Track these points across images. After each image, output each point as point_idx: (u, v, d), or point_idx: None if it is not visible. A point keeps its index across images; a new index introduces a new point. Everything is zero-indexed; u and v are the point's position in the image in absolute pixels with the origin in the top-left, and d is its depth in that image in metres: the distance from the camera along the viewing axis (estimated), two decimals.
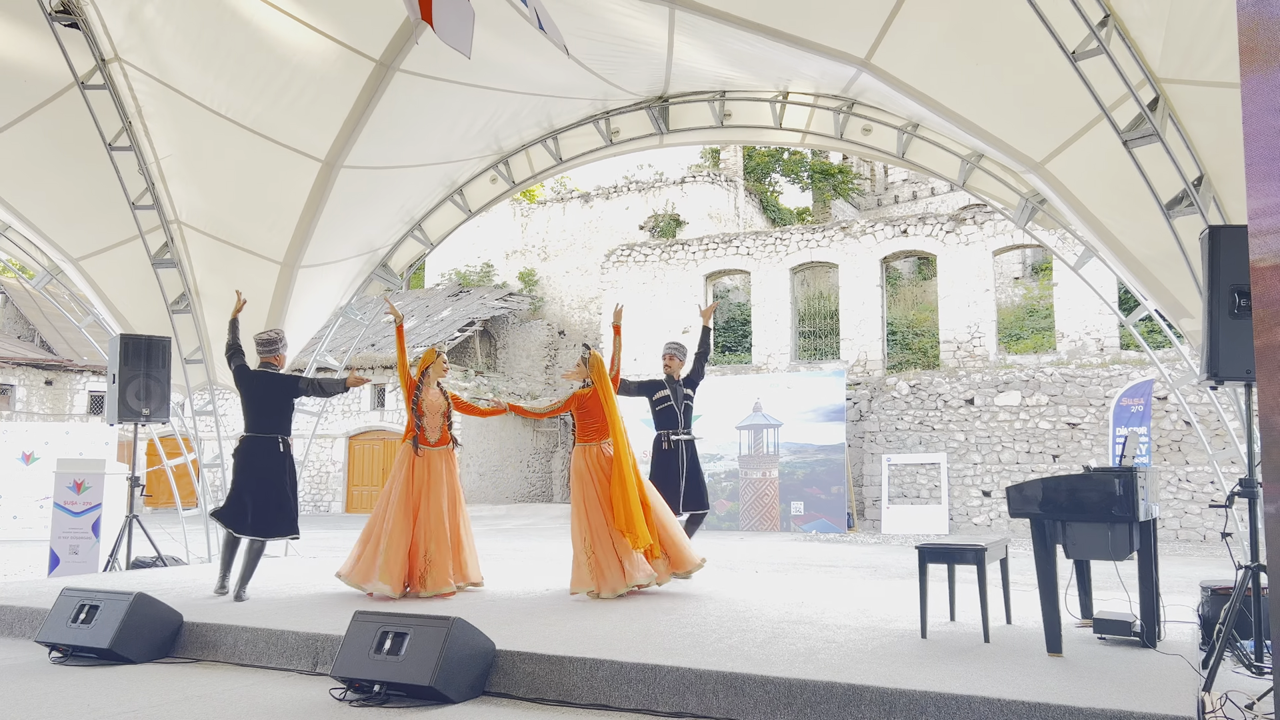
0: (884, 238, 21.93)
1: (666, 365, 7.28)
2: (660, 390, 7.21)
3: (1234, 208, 5.19)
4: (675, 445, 7.09)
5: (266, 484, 6.42)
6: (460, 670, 4.11)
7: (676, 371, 7.26)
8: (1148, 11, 4.66)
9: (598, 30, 6.47)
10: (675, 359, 7.27)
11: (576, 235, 30.92)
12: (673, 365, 7.25)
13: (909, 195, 35.44)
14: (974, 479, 18.01)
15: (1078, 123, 5.52)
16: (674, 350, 7.31)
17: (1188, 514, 16.10)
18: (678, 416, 7.13)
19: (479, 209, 9.00)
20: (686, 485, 7.01)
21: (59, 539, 9.24)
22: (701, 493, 7.14)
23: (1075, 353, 19.55)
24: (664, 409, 7.15)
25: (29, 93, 7.26)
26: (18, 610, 5.75)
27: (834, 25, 5.81)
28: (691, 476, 7.06)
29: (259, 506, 6.36)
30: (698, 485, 7.11)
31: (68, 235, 8.58)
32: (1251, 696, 3.43)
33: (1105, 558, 4.30)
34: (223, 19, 6.29)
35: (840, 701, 3.64)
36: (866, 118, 7.29)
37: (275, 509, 6.41)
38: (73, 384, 26.62)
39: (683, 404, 7.15)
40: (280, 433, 6.52)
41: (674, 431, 7.10)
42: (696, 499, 7.09)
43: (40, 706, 3.99)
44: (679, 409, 7.13)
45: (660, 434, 7.13)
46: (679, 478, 7.00)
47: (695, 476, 7.10)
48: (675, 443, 7.09)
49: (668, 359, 7.29)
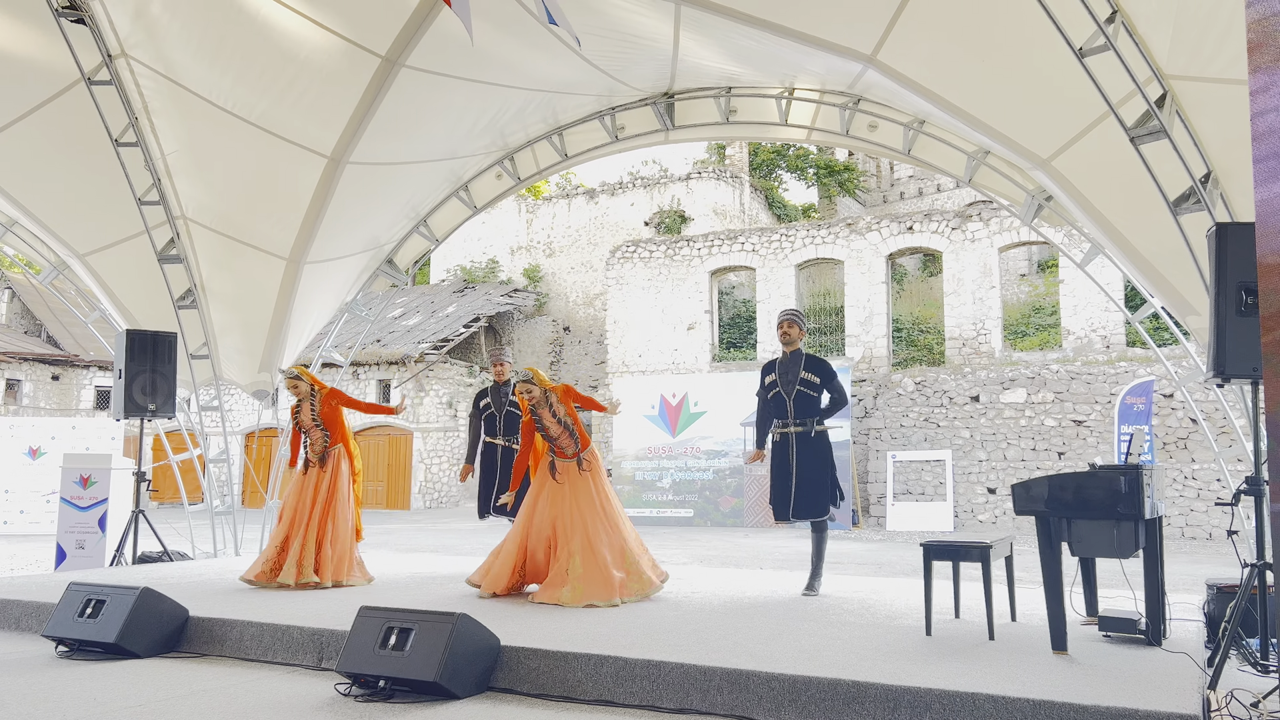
0: (889, 234, 21.89)
1: (784, 334, 6.18)
2: (769, 374, 6.26)
3: (1241, 205, 5.17)
4: (784, 439, 6.16)
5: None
6: (465, 666, 4.12)
7: (796, 343, 6.18)
8: (1155, 8, 4.64)
9: (603, 27, 6.46)
10: (795, 326, 6.19)
11: (581, 231, 30.93)
12: (792, 334, 6.17)
13: (915, 192, 35.37)
14: (979, 476, 17.99)
15: (1084, 119, 5.50)
16: (792, 317, 6.21)
17: (1193, 512, 16.06)
18: (786, 403, 6.12)
19: (484, 205, 9.00)
20: (798, 488, 6.05)
21: (65, 534, 9.28)
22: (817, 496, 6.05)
23: (1081, 350, 19.51)
24: (774, 394, 6.20)
25: (35, 89, 7.28)
26: (25, 605, 5.78)
27: (840, 22, 5.79)
28: (808, 477, 6.05)
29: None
30: (812, 487, 6.04)
31: (74, 231, 8.61)
32: (1257, 694, 3.43)
33: (1110, 555, 4.29)
34: (229, 15, 6.29)
35: (844, 698, 3.64)
36: (872, 114, 7.27)
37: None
38: (79, 379, 26.70)
39: (795, 388, 6.08)
40: None
41: (784, 422, 6.12)
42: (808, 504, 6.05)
43: (47, 700, 4.00)
44: (788, 394, 6.10)
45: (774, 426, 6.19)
46: (789, 479, 6.08)
47: (811, 476, 6.05)
48: (785, 436, 6.15)
49: (785, 326, 6.19)
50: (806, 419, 6.06)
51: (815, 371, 6.11)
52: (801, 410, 6.07)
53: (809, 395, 6.07)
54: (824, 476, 6.05)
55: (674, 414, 20.01)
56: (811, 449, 6.05)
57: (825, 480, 6.05)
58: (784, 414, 6.11)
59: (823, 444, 6.11)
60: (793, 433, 6.09)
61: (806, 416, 6.06)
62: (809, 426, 6.05)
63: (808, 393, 6.07)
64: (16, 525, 16.37)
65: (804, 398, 6.08)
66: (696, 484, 19.48)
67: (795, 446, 6.07)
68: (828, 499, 6.05)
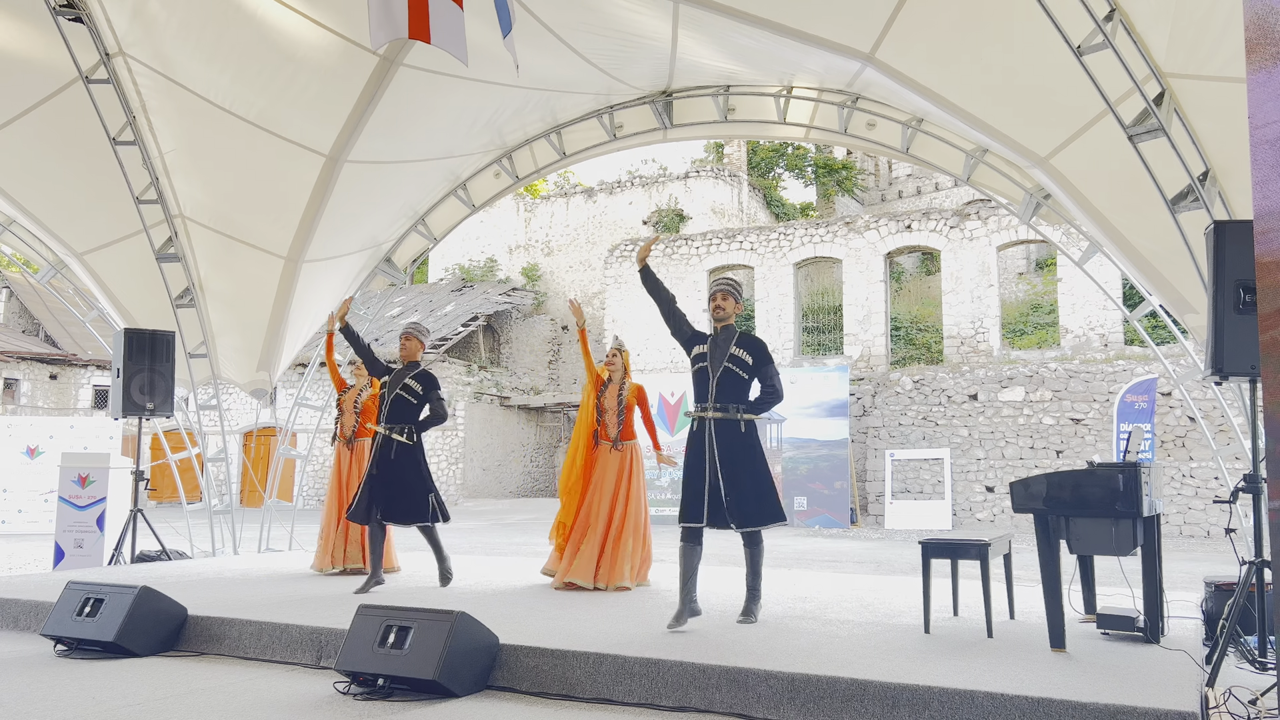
0: (888, 233, 21.90)
1: (717, 309, 5.24)
2: (698, 344, 5.26)
3: (1239, 203, 5.17)
4: (702, 426, 5.09)
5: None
6: (464, 664, 4.12)
7: (730, 318, 5.25)
8: (1154, 6, 4.64)
9: (602, 25, 6.46)
10: (731, 299, 5.25)
11: (580, 230, 30.93)
12: (726, 308, 5.23)
13: (913, 190, 35.39)
14: (977, 474, 18.00)
15: (1083, 118, 5.50)
16: (727, 288, 5.28)
17: (1191, 509, 16.08)
18: (709, 382, 5.10)
19: (482, 204, 8.99)
20: (725, 487, 4.96)
21: (64, 533, 9.27)
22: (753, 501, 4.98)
23: (1079, 348, 19.52)
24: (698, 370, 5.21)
25: (33, 87, 7.27)
26: (23, 604, 5.77)
27: (838, 20, 5.79)
28: (735, 475, 4.97)
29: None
30: (743, 489, 4.97)
31: (72, 230, 8.60)
32: (1255, 692, 3.43)
33: (1109, 553, 4.29)
34: (226, 13, 6.29)
35: (843, 696, 3.64)
36: (871, 113, 7.27)
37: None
38: (77, 378, 26.67)
39: (720, 366, 5.08)
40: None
41: (703, 406, 5.12)
42: (740, 509, 4.95)
43: (45, 699, 4.00)
44: (713, 371, 5.10)
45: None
46: (702, 475, 5.00)
47: (738, 474, 4.98)
48: (703, 423, 5.10)
49: (719, 299, 5.25)
50: (730, 405, 5.03)
51: (749, 350, 5.13)
52: (726, 393, 5.04)
53: (737, 376, 5.06)
54: (758, 478, 5.01)
55: (673, 413, 19.99)
56: (736, 441, 5.00)
57: (761, 483, 5.01)
58: (704, 396, 5.08)
59: (751, 438, 5.07)
60: (712, 419, 5.02)
61: (731, 401, 5.03)
62: (732, 414, 5.01)
63: (737, 373, 5.06)
64: (15, 524, 16.36)
65: (731, 378, 5.06)
66: None
67: (714, 436, 5.00)
68: (768, 508, 5.01)
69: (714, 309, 5.23)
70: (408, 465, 6.45)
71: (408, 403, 6.53)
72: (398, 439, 6.44)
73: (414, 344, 6.69)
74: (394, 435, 6.44)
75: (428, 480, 6.56)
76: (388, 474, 6.42)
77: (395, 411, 6.50)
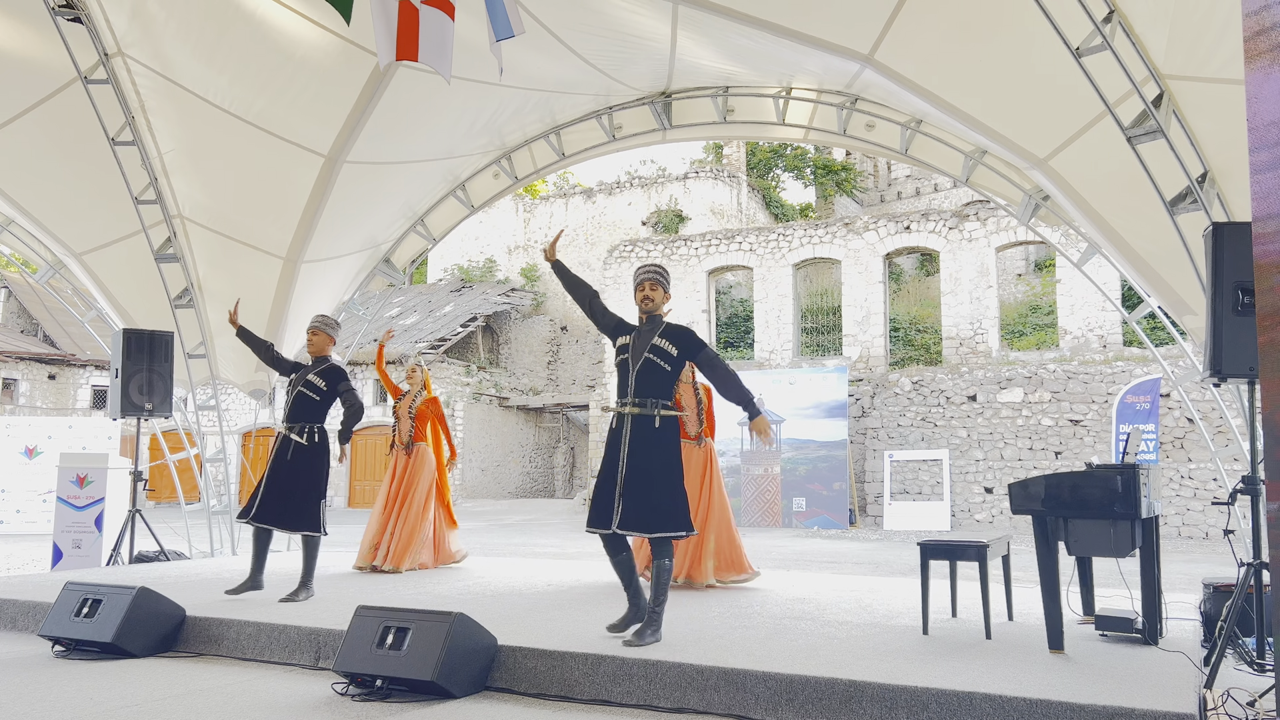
0: (887, 234, 21.91)
1: (645, 299, 4.83)
2: (624, 335, 4.86)
3: (1238, 204, 5.18)
4: (619, 422, 4.71)
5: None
6: (462, 665, 4.12)
7: (659, 308, 4.85)
8: (1152, 8, 4.65)
9: (601, 26, 6.46)
10: (659, 288, 4.85)
11: (579, 231, 30.93)
12: (655, 298, 4.83)
13: (912, 191, 35.41)
14: (976, 475, 18.01)
15: (1081, 119, 5.50)
16: (654, 277, 4.86)
17: (1190, 511, 16.09)
18: (629, 374, 4.72)
19: (482, 204, 8.99)
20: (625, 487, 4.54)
21: (62, 533, 9.26)
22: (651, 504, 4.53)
23: (1078, 349, 19.53)
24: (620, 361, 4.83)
25: (32, 87, 7.27)
26: (21, 604, 5.77)
27: (837, 21, 5.80)
28: (639, 476, 4.56)
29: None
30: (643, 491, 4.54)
31: (71, 230, 8.59)
32: (1253, 694, 3.43)
33: (1107, 555, 4.29)
34: (226, 14, 6.29)
35: (841, 698, 3.64)
36: (870, 114, 7.27)
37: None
38: (76, 378, 26.66)
39: (641, 358, 4.69)
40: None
41: (622, 401, 4.74)
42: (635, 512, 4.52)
43: (43, 700, 4.00)
44: (634, 363, 4.71)
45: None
46: (615, 475, 4.61)
47: (642, 476, 4.56)
48: (620, 419, 4.72)
49: (648, 289, 4.83)
50: (649, 400, 4.63)
51: (674, 341, 4.70)
52: (645, 387, 4.64)
53: (660, 369, 4.66)
54: (664, 481, 4.57)
55: None
56: (650, 439, 4.59)
57: (666, 488, 4.56)
58: (624, 390, 4.70)
59: (666, 436, 4.65)
60: (629, 414, 4.63)
61: (651, 396, 4.63)
62: (649, 409, 4.62)
63: (659, 364, 4.66)
64: (13, 525, 16.35)
65: (652, 370, 4.66)
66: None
67: (629, 433, 4.61)
68: (665, 516, 4.50)
69: (641, 299, 4.81)
70: (301, 469, 6.00)
71: (310, 400, 6.07)
72: (296, 440, 6.01)
73: (321, 338, 6.21)
74: (292, 436, 6.03)
75: (319, 487, 6.08)
76: (281, 476, 6.00)
77: (296, 410, 6.06)
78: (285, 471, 5.99)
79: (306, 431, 6.03)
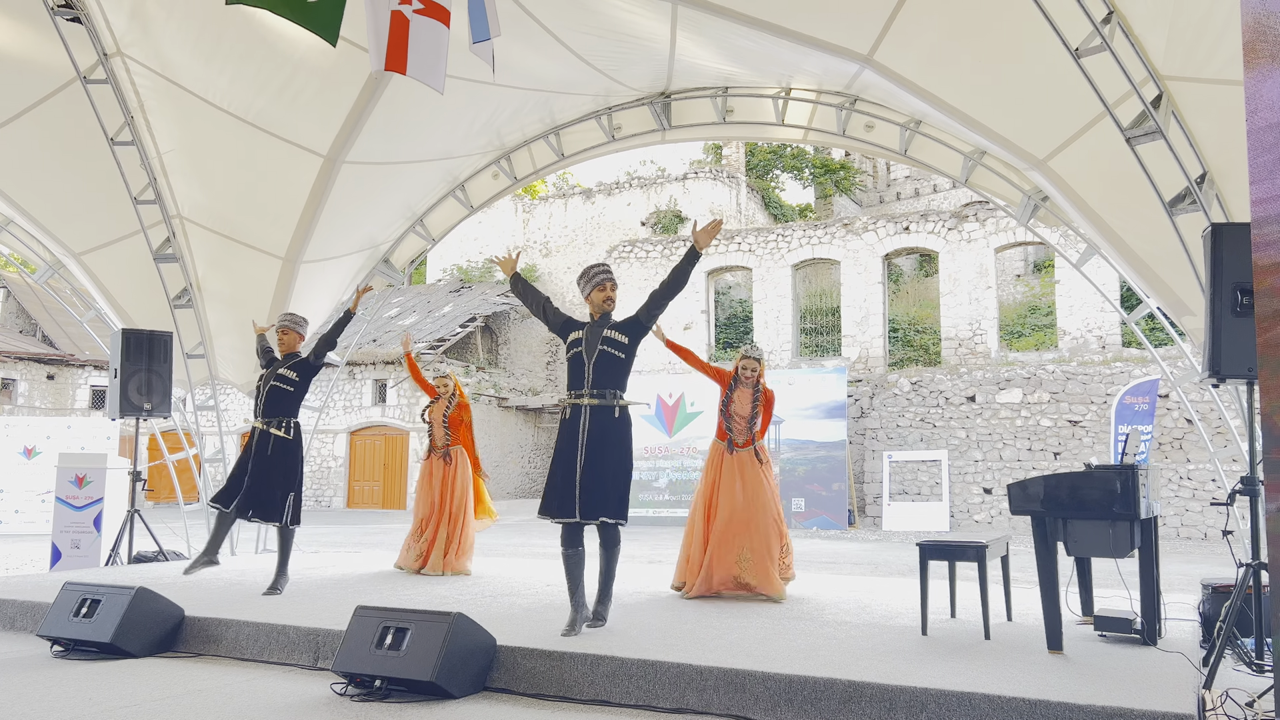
0: (886, 235, 21.92)
1: (608, 299, 5.05)
2: (574, 331, 5.04)
3: (1237, 205, 5.18)
4: (575, 413, 4.87)
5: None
6: (461, 666, 4.12)
7: (610, 304, 5.05)
8: (1152, 8, 4.65)
9: (600, 26, 6.46)
10: (616, 288, 5.08)
11: (578, 231, 30.93)
12: (615, 298, 5.09)
13: (911, 192, 35.43)
14: (975, 476, 18.01)
15: (1080, 120, 5.51)
16: (613, 278, 5.10)
17: (1189, 512, 16.10)
18: (585, 367, 4.88)
19: (481, 204, 8.99)
20: (583, 476, 4.73)
21: (61, 533, 9.25)
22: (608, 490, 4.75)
23: (1077, 350, 19.54)
24: (574, 356, 4.99)
25: (31, 87, 7.26)
26: (19, 604, 5.77)
27: (837, 22, 5.80)
28: (597, 464, 4.74)
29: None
30: (601, 478, 4.74)
31: (70, 230, 8.59)
32: (1252, 694, 3.43)
33: (1106, 555, 4.30)
34: (225, 13, 6.27)
35: (841, 698, 3.64)
36: (869, 114, 7.28)
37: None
38: (75, 378, 26.64)
39: (596, 350, 4.87)
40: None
41: (578, 392, 4.90)
42: (594, 498, 4.72)
43: (42, 700, 4.00)
44: (589, 355, 4.89)
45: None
46: (574, 463, 4.76)
47: (600, 464, 4.75)
48: (576, 409, 4.88)
49: (610, 289, 5.05)
50: (608, 390, 4.83)
51: (622, 330, 4.91)
52: (603, 378, 4.83)
53: (615, 359, 4.86)
54: (617, 470, 4.78)
55: (670, 414, 20.01)
56: (609, 428, 4.79)
57: (620, 474, 4.79)
58: (580, 381, 4.85)
59: (624, 427, 4.87)
60: (586, 405, 4.80)
61: (609, 387, 4.83)
62: (609, 400, 4.82)
63: (614, 355, 4.85)
64: (12, 525, 16.34)
65: (608, 361, 4.84)
66: (693, 484, 19.47)
67: (587, 422, 4.78)
68: (621, 502, 4.76)
69: (604, 299, 5.00)
70: (277, 462, 6.23)
71: (284, 393, 6.33)
72: (275, 433, 6.24)
73: (291, 336, 6.45)
74: (271, 429, 6.26)
75: (293, 479, 6.30)
76: (259, 468, 6.21)
77: (271, 404, 6.31)
78: (266, 465, 6.24)
79: (284, 425, 6.31)
